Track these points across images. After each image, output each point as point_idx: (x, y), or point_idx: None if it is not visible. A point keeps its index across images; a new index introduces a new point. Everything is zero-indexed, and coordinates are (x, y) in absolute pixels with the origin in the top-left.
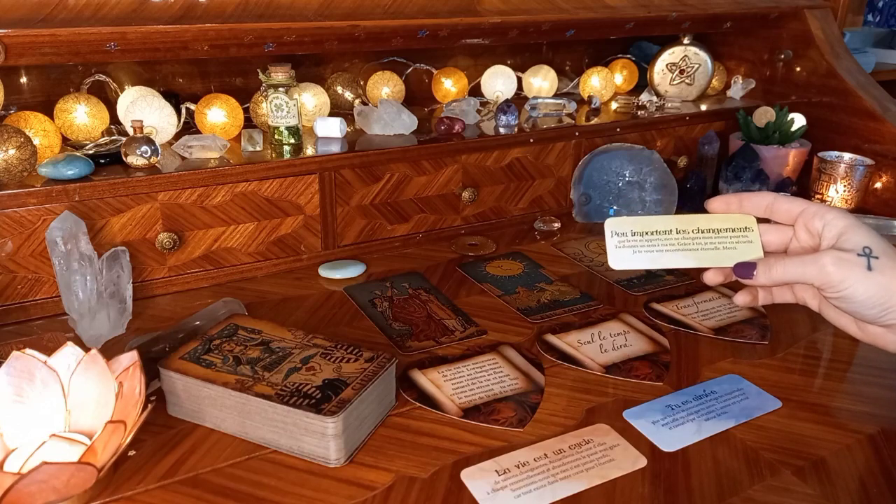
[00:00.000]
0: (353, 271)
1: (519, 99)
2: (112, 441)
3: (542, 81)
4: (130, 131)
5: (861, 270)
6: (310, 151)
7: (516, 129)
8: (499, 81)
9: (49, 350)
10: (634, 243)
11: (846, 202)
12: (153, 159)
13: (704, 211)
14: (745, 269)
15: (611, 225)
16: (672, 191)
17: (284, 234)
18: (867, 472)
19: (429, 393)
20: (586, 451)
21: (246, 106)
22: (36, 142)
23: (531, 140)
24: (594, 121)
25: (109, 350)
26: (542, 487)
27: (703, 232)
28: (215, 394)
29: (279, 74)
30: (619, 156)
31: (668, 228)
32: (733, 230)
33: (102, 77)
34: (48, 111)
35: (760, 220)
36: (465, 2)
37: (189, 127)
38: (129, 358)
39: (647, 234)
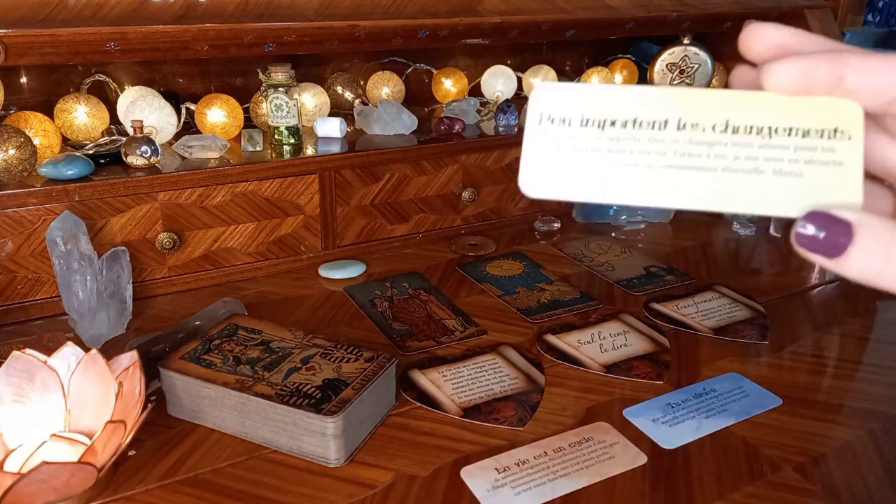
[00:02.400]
0: (353, 271)
1: (519, 99)
2: (112, 441)
3: (542, 81)
4: (130, 131)
5: None
6: (310, 151)
7: (516, 129)
8: (499, 81)
9: (49, 350)
10: (583, 143)
11: None
12: (153, 159)
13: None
14: (829, 229)
15: (541, 100)
16: None
17: (284, 234)
18: (868, 467)
19: (429, 393)
20: (586, 449)
21: (246, 106)
22: (36, 142)
23: None
24: None
25: (109, 350)
26: (542, 485)
27: (736, 132)
28: (215, 394)
29: (279, 74)
30: None
31: (663, 118)
32: (806, 134)
33: (102, 77)
34: (48, 111)
35: None
36: (465, 2)
37: (189, 127)
38: (129, 358)
39: (613, 126)
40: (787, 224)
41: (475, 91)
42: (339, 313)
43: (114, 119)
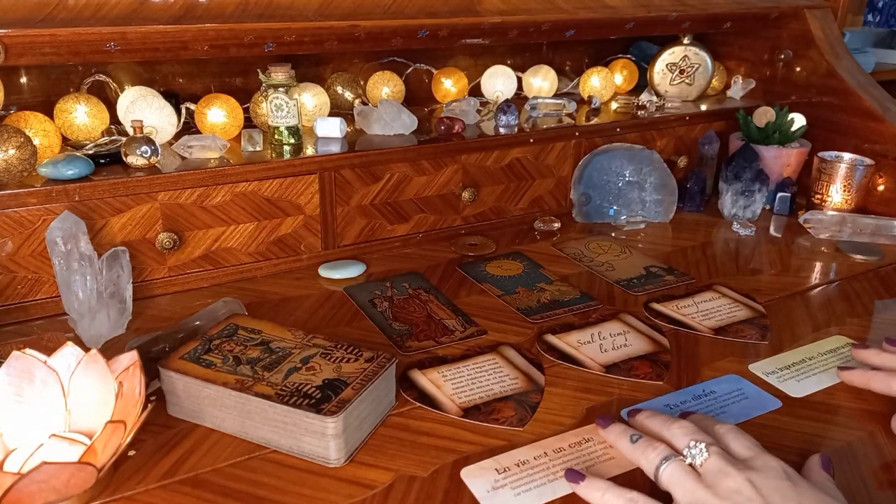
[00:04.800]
0: (353, 271)
1: (519, 99)
2: (112, 441)
3: (542, 81)
4: (130, 131)
5: None
6: (310, 151)
7: (516, 129)
8: (499, 81)
9: (49, 350)
10: None
11: (846, 202)
12: (153, 159)
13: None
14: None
15: None
16: (672, 191)
17: (284, 234)
18: (868, 468)
19: (429, 393)
20: (586, 450)
21: (246, 106)
22: (36, 142)
23: (531, 140)
24: (594, 121)
25: (109, 350)
26: (542, 485)
27: None
28: (215, 394)
29: (279, 74)
30: (619, 156)
31: None
32: None
33: (102, 77)
34: (48, 111)
35: None
36: (465, 2)
37: (189, 127)
38: (129, 358)
39: None
40: (787, 224)
41: (475, 91)
42: (339, 313)
43: (114, 119)
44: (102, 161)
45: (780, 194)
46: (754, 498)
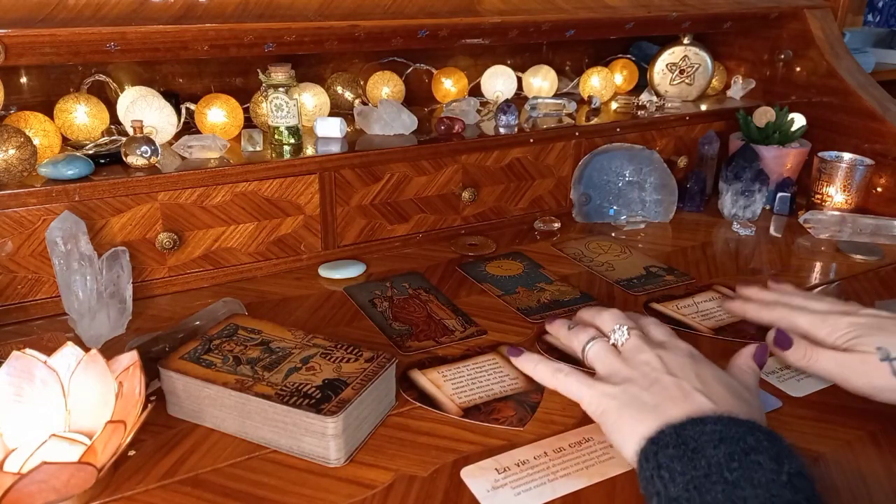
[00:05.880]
0: (353, 271)
1: (519, 99)
2: (112, 441)
3: (542, 81)
4: (130, 131)
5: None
6: (310, 151)
7: (516, 129)
8: (499, 81)
9: (49, 350)
10: None
11: (846, 202)
12: (153, 159)
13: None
14: (784, 341)
15: None
16: (672, 191)
17: (284, 234)
18: (868, 468)
19: (429, 393)
20: (587, 449)
21: (246, 106)
22: (36, 142)
23: (531, 140)
24: (594, 121)
25: (109, 350)
26: (542, 485)
27: None
28: (215, 394)
29: (279, 74)
30: (619, 156)
31: None
32: None
33: (102, 77)
34: (48, 111)
35: None
36: (465, 2)
37: (189, 127)
38: (129, 358)
39: None
40: (787, 224)
41: (475, 91)
42: (339, 313)
43: (114, 119)
44: (102, 161)
45: (780, 194)
46: (659, 368)
